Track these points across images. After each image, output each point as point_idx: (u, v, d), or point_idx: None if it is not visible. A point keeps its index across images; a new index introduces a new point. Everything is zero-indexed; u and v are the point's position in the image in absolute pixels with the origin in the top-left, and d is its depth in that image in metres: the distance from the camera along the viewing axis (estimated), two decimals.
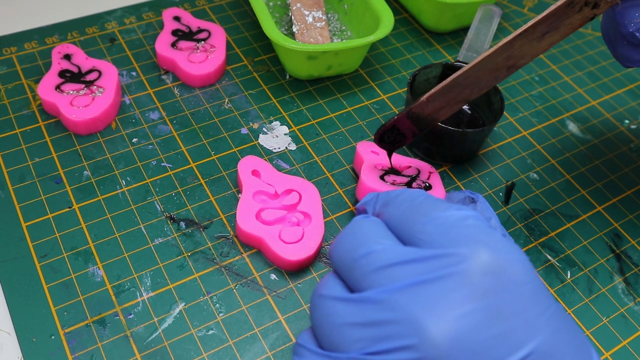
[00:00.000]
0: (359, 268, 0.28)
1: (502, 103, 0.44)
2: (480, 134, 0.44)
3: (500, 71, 0.36)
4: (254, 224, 0.39)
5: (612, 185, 0.47)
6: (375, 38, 0.47)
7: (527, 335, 0.25)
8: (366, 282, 0.27)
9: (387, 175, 0.42)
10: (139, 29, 0.53)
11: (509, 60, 0.36)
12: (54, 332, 0.35)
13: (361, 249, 0.28)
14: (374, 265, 0.27)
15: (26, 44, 0.51)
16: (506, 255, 0.26)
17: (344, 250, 0.29)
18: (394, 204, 0.30)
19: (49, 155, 0.44)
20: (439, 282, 0.25)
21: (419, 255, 0.26)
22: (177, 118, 0.47)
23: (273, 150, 0.46)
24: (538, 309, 0.26)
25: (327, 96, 0.50)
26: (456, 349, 0.24)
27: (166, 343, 0.35)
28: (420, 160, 0.44)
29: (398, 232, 0.29)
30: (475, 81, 0.37)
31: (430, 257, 0.26)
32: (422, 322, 0.25)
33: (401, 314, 0.25)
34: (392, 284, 0.26)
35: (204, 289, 0.38)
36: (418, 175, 0.43)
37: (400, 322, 0.25)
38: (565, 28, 0.35)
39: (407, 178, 0.42)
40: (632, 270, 0.42)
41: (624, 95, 0.54)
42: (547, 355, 0.25)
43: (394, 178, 0.42)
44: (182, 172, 0.44)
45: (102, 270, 0.38)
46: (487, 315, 0.25)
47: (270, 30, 0.46)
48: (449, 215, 0.28)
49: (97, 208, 0.41)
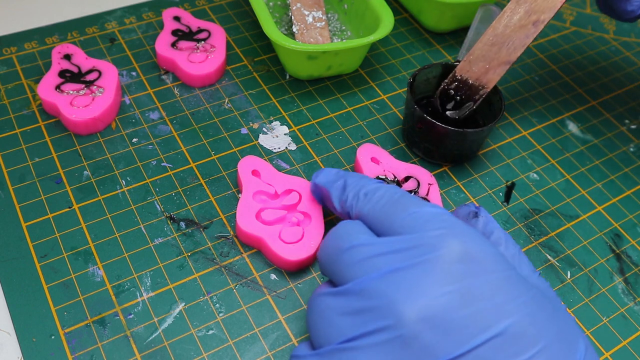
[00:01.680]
0: (342, 262, 0.30)
1: (502, 103, 0.44)
2: (480, 134, 0.44)
3: (528, 27, 0.40)
4: (254, 224, 0.39)
5: (612, 185, 0.47)
6: (375, 38, 0.47)
7: (497, 317, 0.26)
8: (350, 274, 0.29)
9: None
10: (139, 29, 0.53)
11: (530, 16, 0.39)
12: (54, 332, 0.35)
13: (343, 245, 0.30)
14: (356, 258, 0.29)
15: (26, 44, 0.51)
16: (475, 246, 0.28)
17: (328, 250, 0.31)
18: (373, 198, 0.32)
19: (49, 155, 0.44)
20: (414, 269, 0.28)
21: (396, 246, 0.29)
22: (177, 118, 0.47)
23: (273, 150, 0.46)
24: (510, 295, 0.27)
25: (327, 96, 0.50)
26: (430, 327, 0.26)
27: (166, 343, 0.35)
28: (418, 166, 0.44)
29: (377, 225, 0.31)
30: (507, 39, 0.40)
31: (406, 248, 0.29)
32: (399, 304, 0.27)
33: (380, 300, 0.28)
34: (373, 273, 0.28)
35: (204, 289, 0.38)
36: (417, 189, 0.42)
37: (379, 307, 0.27)
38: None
39: None
40: (632, 270, 0.42)
41: (623, 95, 0.54)
42: (519, 336, 0.26)
43: None
44: (182, 172, 0.44)
45: (102, 270, 0.38)
46: (458, 297, 0.27)
47: (270, 30, 0.46)
48: (426, 211, 0.30)
49: (97, 208, 0.41)
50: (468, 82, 0.43)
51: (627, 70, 0.56)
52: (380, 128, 0.48)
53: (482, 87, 0.43)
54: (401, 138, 0.48)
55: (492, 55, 0.41)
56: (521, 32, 0.40)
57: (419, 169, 0.44)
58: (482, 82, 0.43)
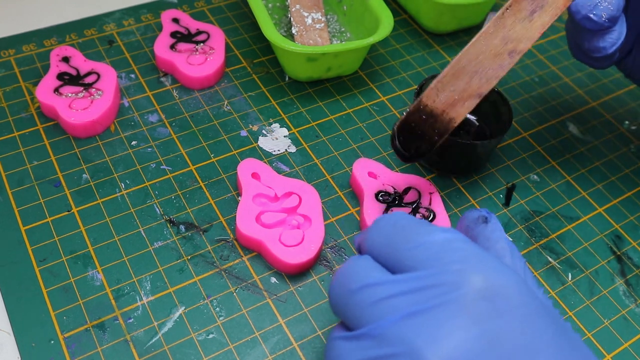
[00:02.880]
0: (355, 304, 0.28)
1: (511, 115, 0.44)
2: (487, 146, 0.43)
3: (502, 57, 0.37)
4: (254, 227, 0.39)
5: (612, 187, 0.47)
6: (374, 39, 0.47)
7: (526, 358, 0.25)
8: (364, 317, 0.27)
9: (390, 210, 0.41)
10: (138, 31, 0.53)
11: (507, 44, 0.36)
12: (54, 336, 0.35)
13: (354, 285, 0.28)
14: (370, 300, 0.27)
15: (24, 47, 0.50)
16: (499, 279, 0.26)
17: (338, 290, 0.29)
18: (374, 230, 0.30)
19: (47, 159, 0.43)
20: (435, 311, 0.26)
21: (413, 285, 0.26)
22: (176, 120, 0.47)
23: (273, 152, 0.46)
24: (537, 330, 0.26)
25: (327, 98, 0.50)
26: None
27: (166, 347, 0.35)
28: (416, 176, 0.43)
29: (384, 259, 0.29)
30: (479, 67, 0.37)
31: (424, 287, 0.26)
32: (422, 351, 0.25)
33: (400, 347, 0.25)
34: (389, 317, 0.26)
35: (204, 292, 0.38)
36: (419, 200, 0.42)
37: (400, 354, 0.25)
38: (550, 7, 0.36)
39: (409, 208, 0.42)
40: (633, 272, 0.42)
41: (623, 96, 0.54)
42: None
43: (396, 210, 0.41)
44: (182, 175, 0.43)
45: (102, 274, 0.38)
46: (485, 341, 0.25)
47: (269, 32, 0.46)
48: (435, 239, 0.28)
49: (96, 211, 0.41)
50: (434, 113, 0.38)
51: None
52: (380, 130, 0.48)
53: (450, 121, 0.38)
54: None
55: (463, 85, 0.37)
56: (495, 62, 0.36)
57: (417, 178, 0.43)
58: (450, 115, 0.38)
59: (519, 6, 0.36)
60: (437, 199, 0.42)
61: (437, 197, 0.42)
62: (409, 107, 0.38)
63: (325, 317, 0.37)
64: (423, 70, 0.53)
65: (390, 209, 0.41)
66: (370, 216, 0.41)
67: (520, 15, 0.36)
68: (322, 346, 0.36)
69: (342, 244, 0.41)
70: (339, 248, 0.41)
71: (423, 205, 0.42)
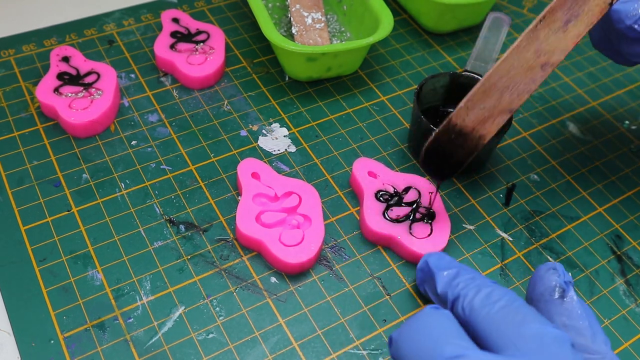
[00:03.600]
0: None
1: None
2: (487, 146, 0.43)
3: (535, 71, 0.35)
4: (253, 227, 0.39)
5: (612, 186, 0.47)
6: (374, 39, 0.47)
7: None
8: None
9: (390, 209, 0.41)
10: (138, 31, 0.53)
11: (539, 57, 0.35)
12: (53, 336, 0.35)
13: (442, 350, 0.26)
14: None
15: (24, 47, 0.50)
16: None
17: (417, 348, 0.27)
18: (485, 301, 0.29)
19: (47, 158, 0.43)
20: None
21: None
22: (176, 120, 0.47)
23: (272, 152, 0.46)
24: None
25: (327, 98, 0.50)
26: None
27: (166, 347, 0.35)
28: (415, 175, 0.43)
29: (483, 333, 0.28)
30: (511, 83, 0.36)
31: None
32: None
33: None
34: None
35: (204, 292, 0.38)
36: (419, 200, 0.42)
37: None
38: (586, 16, 0.34)
39: (408, 208, 0.41)
40: (633, 271, 0.42)
41: (624, 96, 0.54)
42: None
43: (397, 212, 0.41)
44: (182, 175, 0.43)
45: (102, 273, 0.38)
46: None
47: (269, 32, 0.46)
48: (547, 332, 0.27)
49: (96, 211, 0.41)
50: (463, 132, 0.37)
51: (627, 70, 0.56)
52: (380, 129, 0.48)
53: (479, 139, 0.37)
54: (401, 140, 0.48)
55: (493, 102, 0.36)
56: (527, 76, 0.35)
57: (417, 178, 0.43)
58: (480, 132, 0.37)
59: (553, 17, 0.34)
60: (437, 197, 0.42)
61: (437, 196, 0.42)
62: (439, 127, 0.37)
63: (325, 317, 0.37)
64: (423, 70, 0.53)
65: (390, 208, 0.41)
66: (370, 216, 0.41)
67: (555, 26, 0.34)
68: (322, 346, 0.36)
69: (342, 244, 0.41)
70: (339, 248, 0.41)
71: (423, 205, 0.42)
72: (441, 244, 0.40)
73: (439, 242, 0.40)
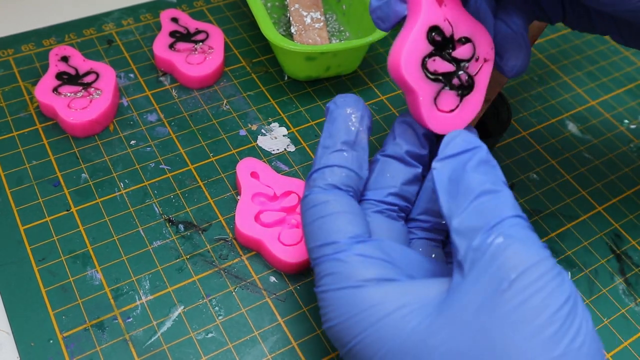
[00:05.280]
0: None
1: (510, 114, 0.44)
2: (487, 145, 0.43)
3: None
4: (253, 226, 0.39)
5: (612, 186, 0.47)
6: (373, 39, 0.47)
7: None
8: None
9: (433, 58, 0.32)
10: (137, 31, 0.53)
11: None
12: (52, 336, 0.35)
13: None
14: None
15: (23, 46, 0.50)
16: None
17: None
18: None
19: (46, 158, 0.43)
20: None
21: None
22: (176, 120, 0.47)
23: (272, 151, 0.46)
24: None
25: (326, 97, 0.50)
26: None
27: (165, 347, 0.35)
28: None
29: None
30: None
31: None
32: None
33: None
34: None
35: (203, 291, 0.38)
36: (468, 62, 0.33)
37: None
38: None
39: (452, 66, 0.33)
40: (632, 270, 0.42)
41: (623, 95, 0.54)
42: None
43: (438, 66, 0.32)
44: (181, 175, 0.43)
45: (101, 273, 0.38)
46: None
47: (268, 31, 0.46)
48: None
49: (95, 211, 0.41)
50: None
51: (626, 70, 0.56)
52: (380, 129, 0.48)
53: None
54: None
55: None
56: None
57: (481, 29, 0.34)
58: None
59: None
60: (487, 70, 0.34)
61: (489, 66, 0.34)
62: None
63: None
64: None
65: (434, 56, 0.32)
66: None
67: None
68: (321, 345, 0.36)
69: None
70: None
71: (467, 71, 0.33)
72: (463, 123, 0.34)
73: (460, 121, 0.33)
